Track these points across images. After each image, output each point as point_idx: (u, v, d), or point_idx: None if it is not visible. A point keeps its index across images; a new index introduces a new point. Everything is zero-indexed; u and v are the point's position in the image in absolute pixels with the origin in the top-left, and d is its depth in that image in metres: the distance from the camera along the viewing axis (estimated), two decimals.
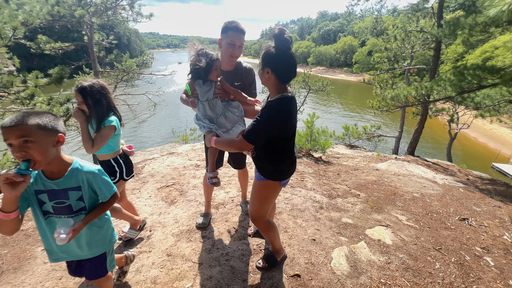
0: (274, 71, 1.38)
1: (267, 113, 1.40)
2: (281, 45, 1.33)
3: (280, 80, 1.41)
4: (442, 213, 3.00)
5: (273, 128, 1.41)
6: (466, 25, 4.73)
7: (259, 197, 1.69)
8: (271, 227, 1.78)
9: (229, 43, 1.87)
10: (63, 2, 6.44)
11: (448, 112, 10.14)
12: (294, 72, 1.40)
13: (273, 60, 1.37)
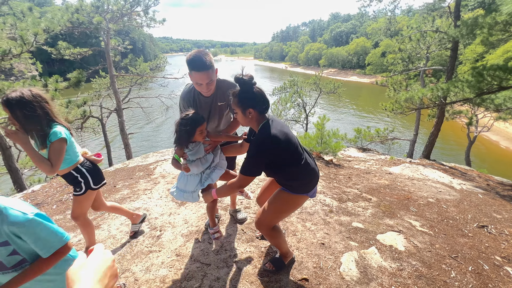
0: (256, 108, 1.45)
1: (254, 144, 1.45)
2: (247, 84, 1.41)
3: (260, 114, 1.49)
4: (459, 220, 2.88)
5: (266, 155, 1.43)
6: (485, 24, 4.54)
7: (279, 209, 1.64)
8: (276, 232, 1.73)
9: (196, 84, 1.72)
10: (82, 9, 6.75)
11: (466, 115, 9.73)
12: (268, 101, 1.49)
13: (252, 99, 1.43)
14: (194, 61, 1.61)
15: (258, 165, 1.44)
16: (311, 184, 1.61)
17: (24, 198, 3.21)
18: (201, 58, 1.60)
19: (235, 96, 1.45)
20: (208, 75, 1.64)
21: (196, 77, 1.66)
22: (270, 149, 1.41)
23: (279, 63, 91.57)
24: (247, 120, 1.49)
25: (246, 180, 1.47)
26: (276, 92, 12.35)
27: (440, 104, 6.62)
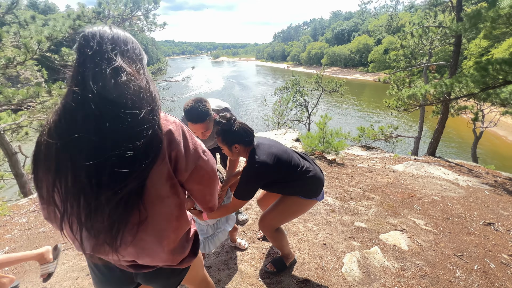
0: (241, 142, 1.51)
1: (246, 171, 1.49)
2: (228, 121, 1.49)
3: (246, 146, 1.53)
4: (464, 217, 2.83)
5: (258, 181, 1.50)
6: (488, 17, 4.45)
7: (287, 211, 1.66)
8: (279, 234, 1.73)
9: (194, 132, 1.76)
10: (84, 16, 6.82)
11: (471, 110, 9.57)
12: (251, 131, 1.54)
13: (234, 136, 1.50)
14: (190, 113, 1.64)
15: (252, 190, 1.50)
16: (317, 190, 1.65)
17: (29, 203, 3.26)
18: (197, 110, 1.62)
19: (218, 135, 1.52)
20: (203, 126, 1.68)
21: (191, 127, 1.71)
22: (261, 173, 1.47)
23: (281, 63, 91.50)
24: (235, 154, 1.56)
25: (240, 204, 1.52)
26: (277, 92, 12.33)
27: (444, 100, 6.53)
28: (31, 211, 3.01)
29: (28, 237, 2.42)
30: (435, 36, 9.03)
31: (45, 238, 2.40)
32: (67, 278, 1.87)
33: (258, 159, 1.46)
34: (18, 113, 6.60)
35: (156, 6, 7.75)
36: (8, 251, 2.21)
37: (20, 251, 2.21)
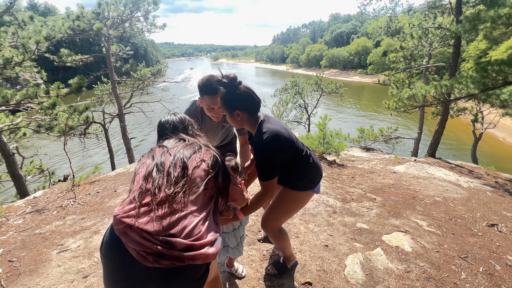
0: (244, 109, 1.36)
1: (259, 147, 1.32)
2: (232, 84, 1.32)
3: (251, 114, 1.39)
4: (467, 219, 2.79)
5: (275, 153, 1.32)
6: (488, 18, 4.46)
7: (284, 208, 1.57)
8: (282, 235, 1.67)
9: (208, 108, 1.75)
10: (83, 16, 6.81)
11: (471, 112, 9.57)
12: (258, 100, 1.39)
13: (236, 100, 1.34)
14: (207, 86, 1.65)
15: (274, 164, 1.33)
16: (316, 178, 1.54)
17: (25, 204, 3.20)
18: (213, 83, 1.63)
19: (220, 99, 1.38)
20: (219, 98, 1.64)
21: (208, 101, 1.70)
22: (275, 146, 1.31)
23: (280, 65, 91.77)
24: (238, 122, 1.41)
25: (271, 185, 1.35)
26: (277, 93, 12.32)
27: (444, 101, 6.52)
28: (27, 212, 2.96)
29: (23, 239, 2.37)
30: (435, 37, 9.05)
31: (41, 240, 2.35)
32: (63, 281, 1.82)
33: (271, 129, 1.31)
34: (16, 114, 6.56)
35: (155, 7, 7.75)
36: (3, 253, 2.16)
37: (15, 253, 2.16)
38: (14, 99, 5.38)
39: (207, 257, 0.85)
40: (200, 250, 0.84)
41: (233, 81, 1.32)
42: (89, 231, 2.44)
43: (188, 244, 0.83)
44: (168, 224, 0.85)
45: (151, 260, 0.80)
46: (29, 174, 7.31)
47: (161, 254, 0.81)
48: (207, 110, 1.78)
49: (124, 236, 0.84)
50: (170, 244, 0.82)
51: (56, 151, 15.24)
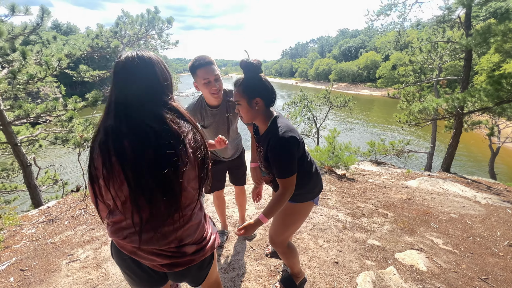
0: (264, 97, 1.30)
1: (278, 142, 1.26)
2: (255, 69, 1.27)
3: (267, 105, 1.34)
4: (486, 237, 2.65)
5: (293, 149, 1.28)
6: (499, 32, 4.44)
7: (287, 222, 1.51)
8: (292, 251, 1.63)
9: (204, 83, 1.65)
10: (102, 35, 7.23)
11: (486, 125, 9.29)
12: (275, 93, 1.34)
13: (258, 87, 1.28)
14: (198, 60, 1.63)
15: (294, 159, 1.28)
16: (316, 189, 1.50)
17: (39, 214, 3.29)
18: (204, 57, 1.64)
19: (239, 85, 1.28)
20: (213, 69, 1.64)
21: (203, 73, 1.62)
22: (294, 140, 1.26)
23: (289, 79, 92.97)
24: (253, 112, 1.31)
25: (291, 182, 1.29)
26: (286, 106, 12.41)
27: (457, 114, 6.38)
28: (40, 222, 3.04)
29: (35, 248, 2.41)
30: (444, 51, 9.00)
31: (52, 250, 2.38)
32: None
33: (286, 124, 1.28)
34: (36, 127, 6.86)
35: (169, 25, 8.15)
36: (15, 261, 2.20)
37: (27, 262, 2.20)
38: (35, 113, 5.67)
39: (213, 248, 0.99)
40: (207, 246, 0.95)
41: (258, 65, 1.26)
42: (99, 242, 2.46)
43: (198, 247, 0.92)
44: (174, 234, 0.86)
45: (167, 270, 0.89)
46: (44, 184, 7.53)
47: (175, 264, 0.88)
48: (204, 86, 1.67)
49: (135, 255, 0.86)
50: (181, 252, 0.88)
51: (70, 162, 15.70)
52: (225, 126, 1.94)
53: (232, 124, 2.01)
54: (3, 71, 4.99)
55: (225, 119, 1.92)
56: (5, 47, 4.96)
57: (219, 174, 2.16)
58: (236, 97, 1.31)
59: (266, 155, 1.33)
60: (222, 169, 2.18)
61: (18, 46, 5.02)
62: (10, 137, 5.25)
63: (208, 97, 1.76)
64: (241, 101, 1.30)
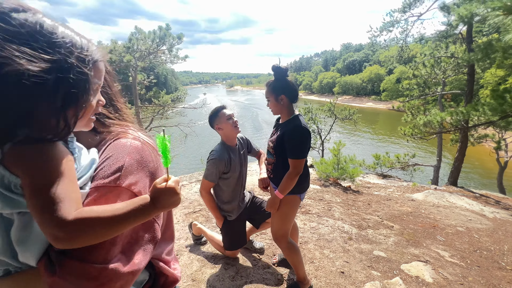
0: (288, 95, 1.61)
1: (297, 129, 1.55)
2: (282, 72, 1.60)
3: (291, 102, 1.65)
4: (494, 251, 2.64)
5: (307, 140, 1.57)
6: (499, 48, 4.55)
7: (280, 215, 1.71)
8: (294, 248, 1.77)
9: (228, 118, 1.91)
10: (115, 50, 7.58)
11: (493, 139, 9.23)
12: (298, 91, 1.66)
13: (283, 87, 1.61)
14: (219, 106, 1.94)
15: (307, 146, 1.56)
16: (304, 185, 1.71)
17: None
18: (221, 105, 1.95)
19: (269, 85, 1.63)
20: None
21: (227, 112, 1.92)
22: (308, 133, 1.56)
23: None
24: (279, 106, 1.64)
25: (301, 164, 1.56)
26: None
27: (462, 128, 6.41)
28: None
29: None
30: (448, 65, 9.14)
31: None
32: None
33: (304, 122, 1.59)
34: None
35: (179, 41, 8.53)
36: None
37: None
38: None
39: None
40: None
41: (286, 70, 1.60)
42: None
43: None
44: None
45: None
46: None
47: None
48: (228, 120, 1.90)
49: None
50: None
51: None
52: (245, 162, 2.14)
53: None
54: None
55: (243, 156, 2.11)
56: None
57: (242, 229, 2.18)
58: (266, 95, 1.67)
59: (280, 138, 1.61)
60: (242, 224, 2.17)
61: None
62: None
63: (233, 135, 1.98)
64: (270, 98, 1.65)
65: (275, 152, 1.68)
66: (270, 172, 1.79)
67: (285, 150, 1.61)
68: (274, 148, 1.68)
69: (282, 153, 1.64)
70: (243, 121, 36.20)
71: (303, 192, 1.74)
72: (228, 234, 2.13)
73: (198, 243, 2.55)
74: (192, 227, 2.56)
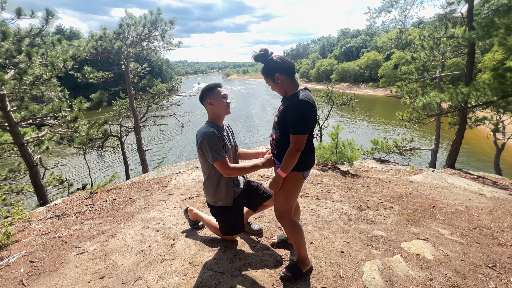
0: (282, 71, 1.57)
1: (299, 103, 1.49)
2: (263, 56, 1.59)
3: (290, 76, 1.59)
4: (493, 228, 2.63)
5: (310, 114, 1.50)
6: (502, 24, 4.42)
7: (283, 191, 1.68)
8: (297, 227, 1.75)
9: (223, 96, 1.85)
10: (105, 37, 7.31)
11: (491, 121, 9.22)
12: (292, 64, 1.61)
13: (273, 67, 1.58)
14: (215, 82, 1.87)
15: (308, 121, 1.50)
16: (308, 161, 1.66)
17: (46, 211, 3.33)
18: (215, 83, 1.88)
19: (262, 72, 1.63)
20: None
21: (222, 92, 1.86)
22: (311, 106, 1.50)
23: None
24: (280, 86, 1.61)
25: (302, 140, 1.51)
26: None
27: (461, 109, 6.35)
28: (48, 217, 3.08)
29: (44, 242, 2.45)
30: (447, 47, 8.96)
31: (60, 243, 2.42)
32: (80, 281, 1.85)
33: (308, 94, 1.54)
34: (42, 128, 6.95)
35: (172, 26, 8.23)
36: (25, 254, 2.24)
37: (36, 254, 2.23)
38: (41, 113, 5.75)
39: None
40: None
41: (265, 53, 1.58)
42: (106, 235, 2.49)
43: None
44: None
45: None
46: (49, 185, 7.62)
47: None
48: (223, 100, 1.84)
49: None
50: None
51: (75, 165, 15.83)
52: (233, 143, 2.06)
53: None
54: (10, 73, 5.07)
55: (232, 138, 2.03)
56: (11, 49, 5.04)
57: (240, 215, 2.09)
58: (266, 82, 1.67)
59: (284, 112, 1.57)
60: (239, 209, 2.08)
61: (24, 48, 5.09)
62: (17, 138, 5.33)
63: (224, 114, 1.90)
64: (269, 82, 1.65)
65: (279, 127, 1.63)
66: (274, 148, 1.73)
67: (287, 125, 1.55)
68: (278, 123, 1.63)
69: (285, 128, 1.58)
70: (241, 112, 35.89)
71: (307, 170, 1.68)
72: (225, 220, 2.07)
73: (195, 228, 2.51)
74: (188, 212, 2.50)
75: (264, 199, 2.14)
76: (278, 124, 1.63)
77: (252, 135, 25.73)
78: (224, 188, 1.95)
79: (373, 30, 52.32)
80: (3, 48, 4.92)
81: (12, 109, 5.45)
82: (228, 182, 1.95)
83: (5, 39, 4.74)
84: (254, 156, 2.13)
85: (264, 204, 2.16)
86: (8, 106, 5.25)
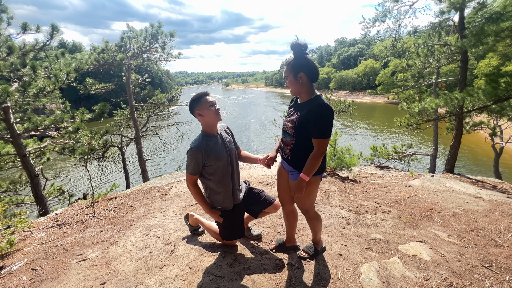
0: (307, 73, 1.56)
1: (323, 108, 1.50)
2: (301, 49, 1.53)
3: (311, 81, 1.59)
4: (491, 230, 2.66)
5: (332, 119, 1.54)
6: (491, 32, 4.56)
7: (308, 192, 1.75)
8: (319, 217, 1.96)
9: (210, 105, 1.84)
10: (107, 49, 7.51)
11: (488, 126, 9.30)
12: (318, 71, 1.61)
13: (302, 65, 1.55)
14: (201, 92, 1.87)
15: (330, 127, 1.52)
16: (324, 165, 1.71)
17: (48, 220, 3.36)
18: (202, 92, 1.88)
19: (287, 63, 1.58)
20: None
21: (209, 100, 1.85)
22: (332, 115, 1.52)
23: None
24: (298, 85, 1.59)
25: (326, 144, 1.54)
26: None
27: (457, 114, 6.44)
28: (49, 226, 3.11)
29: (45, 250, 2.47)
30: (441, 54, 9.16)
31: (62, 251, 2.44)
32: (82, 287, 1.87)
33: (327, 102, 1.53)
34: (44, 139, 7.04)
35: (172, 38, 8.46)
36: (27, 262, 2.26)
37: (38, 262, 2.26)
38: (43, 125, 5.84)
39: None
40: None
41: (304, 46, 1.52)
42: (107, 243, 2.52)
43: None
44: None
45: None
46: (50, 196, 7.63)
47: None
48: (210, 109, 1.83)
49: None
50: None
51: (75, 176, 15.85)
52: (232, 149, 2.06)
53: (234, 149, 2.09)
54: (14, 85, 5.19)
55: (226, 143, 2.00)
56: (16, 63, 5.18)
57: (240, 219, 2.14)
58: (285, 73, 1.61)
59: (303, 117, 1.57)
60: (240, 215, 2.13)
61: (28, 61, 5.24)
62: (19, 149, 5.40)
63: (215, 122, 1.90)
64: (288, 76, 1.60)
65: (295, 133, 1.63)
66: (287, 154, 1.74)
67: (307, 130, 1.57)
68: (294, 129, 1.63)
69: (303, 133, 1.59)
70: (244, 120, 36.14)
71: (323, 172, 1.75)
72: (226, 225, 2.11)
73: (196, 234, 2.54)
74: (189, 218, 2.54)
75: (265, 205, 2.17)
76: (295, 129, 1.62)
77: (255, 142, 25.83)
78: (223, 193, 2.00)
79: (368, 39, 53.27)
80: (8, 62, 5.06)
81: (15, 121, 5.55)
82: (225, 185, 2.00)
83: (10, 53, 4.88)
84: (254, 161, 2.18)
85: (265, 210, 2.19)
86: (11, 118, 5.36)
